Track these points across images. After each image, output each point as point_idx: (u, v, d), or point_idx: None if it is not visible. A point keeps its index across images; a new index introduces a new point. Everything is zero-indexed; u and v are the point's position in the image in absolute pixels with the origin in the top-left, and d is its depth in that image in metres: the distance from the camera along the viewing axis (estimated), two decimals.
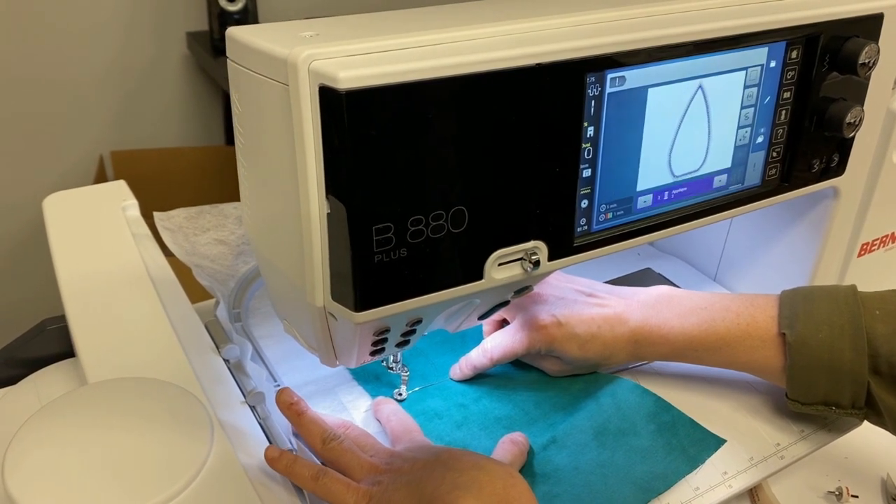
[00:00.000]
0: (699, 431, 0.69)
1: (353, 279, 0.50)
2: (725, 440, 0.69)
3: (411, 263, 0.51)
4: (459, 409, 0.73)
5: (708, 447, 0.68)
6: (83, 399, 0.63)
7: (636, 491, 0.64)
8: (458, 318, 0.63)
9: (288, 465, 0.60)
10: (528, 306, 0.74)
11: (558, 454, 0.67)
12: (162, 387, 0.65)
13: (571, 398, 0.74)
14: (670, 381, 0.75)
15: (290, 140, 0.48)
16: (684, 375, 0.76)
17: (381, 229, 0.49)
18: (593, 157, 0.57)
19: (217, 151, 2.21)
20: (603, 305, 0.73)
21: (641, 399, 0.72)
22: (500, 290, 0.59)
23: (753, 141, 0.66)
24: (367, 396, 0.75)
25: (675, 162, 0.62)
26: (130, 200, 0.91)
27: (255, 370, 0.71)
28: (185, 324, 0.74)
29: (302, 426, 0.65)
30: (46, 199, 0.90)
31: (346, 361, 0.61)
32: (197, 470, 0.57)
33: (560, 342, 0.72)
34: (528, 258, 0.56)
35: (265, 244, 0.58)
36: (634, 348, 0.72)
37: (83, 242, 0.85)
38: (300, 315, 0.58)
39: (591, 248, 0.59)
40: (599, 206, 0.59)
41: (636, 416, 0.70)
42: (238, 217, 0.90)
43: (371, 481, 0.59)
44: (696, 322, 0.70)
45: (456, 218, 0.52)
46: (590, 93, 0.54)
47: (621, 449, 0.67)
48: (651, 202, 0.62)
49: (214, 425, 0.61)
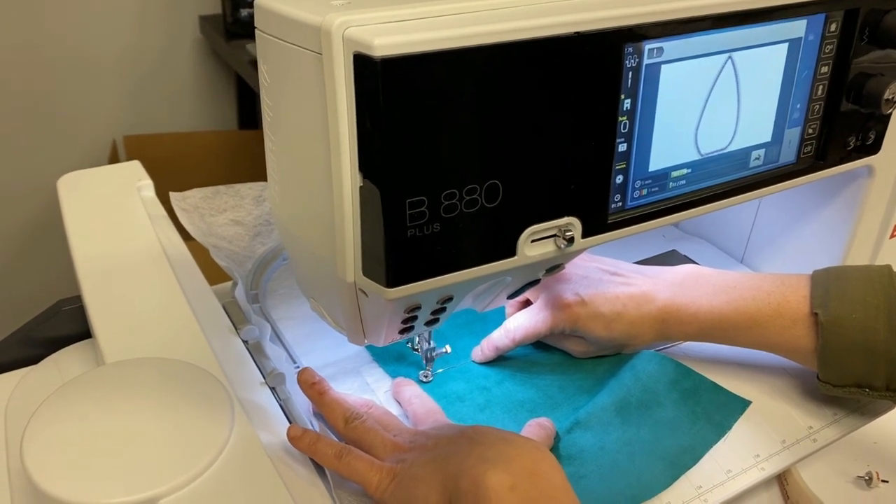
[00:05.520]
0: (722, 394, 0.68)
1: (385, 254, 0.48)
2: (750, 401, 0.68)
3: (444, 239, 0.50)
4: (482, 392, 0.72)
5: (733, 411, 0.67)
6: (102, 379, 0.62)
7: (665, 467, 0.62)
8: (487, 297, 0.62)
9: (311, 443, 0.59)
10: (551, 285, 0.72)
11: (583, 436, 0.66)
12: (181, 367, 0.63)
13: (595, 381, 0.72)
14: (697, 363, 0.73)
15: (321, 111, 0.47)
16: (712, 357, 0.74)
17: (415, 203, 0.48)
18: (629, 131, 0.55)
19: (230, 136, 2.19)
20: (629, 284, 0.71)
21: (661, 367, 0.70)
22: (532, 268, 0.58)
23: (790, 117, 0.64)
24: (387, 378, 0.73)
25: (712, 138, 0.60)
26: (146, 181, 0.90)
27: (275, 351, 0.70)
28: (203, 305, 0.73)
29: (324, 405, 0.63)
30: (61, 180, 0.89)
31: (374, 339, 0.59)
32: (218, 450, 0.56)
33: (584, 321, 0.70)
34: (562, 234, 0.54)
35: (293, 220, 0.57)
36: (661, 327, 0.70)
37: (98, 223, 0.83)
38: (329, 292, 0.56)
39: (625, 225, 0.58)
40: (634, 181, 0.57)
41: (657, 385, 0.69)
42: (255, 197, 0.88)
43: (395, 459, 0.58)
44: (726, 300, 0.69)
45: (490, 192, 0.50)
46: (627, 64, 0.53)
47: (646, 423, 0.66)
48: (686, 179, 0.60)
49: (235, 406, 0.60)
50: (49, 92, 2.07)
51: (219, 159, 2.07)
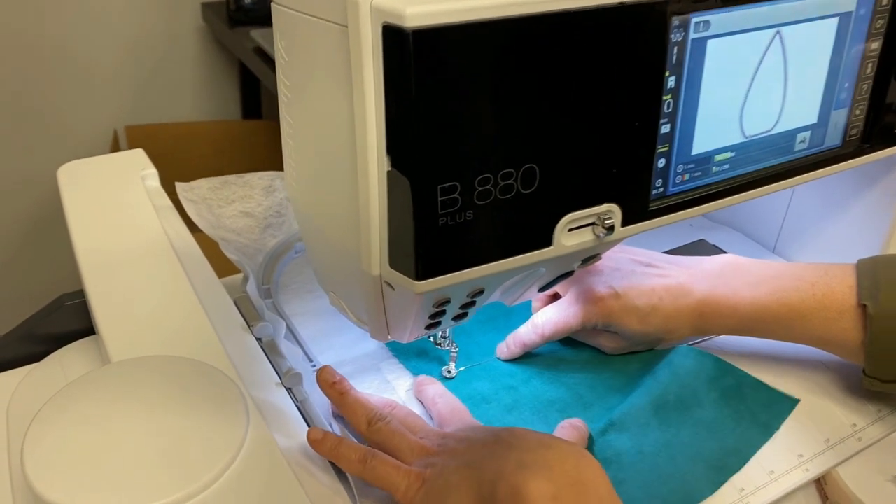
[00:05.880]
0: (768, 393, 0.65)
1: (414, 245, 0.45)
2: (798, 399, 0.64)
3: (477, 227, 0.46)
4: (508, 392, 0.68)
5: (780, 411, 0.63)
6: (106, 379, 0.58)
7: (709, 471, 0.59)
8: (517, 290, 0.58)
9: (333, 447, 0.55)
10: (582, 278, 0.68)
11: (618, 438, 0.62)
12: (191, 366, 0.60)
13: (628, 379, 0.69)
14: (734, 358, 0.70)
15: (346, 89, 0.43)
16: (750, 352, 0.71)
17: (447, 189, 0.44)
18: (673, 110, 0.52)
19: (234, 126, 2.16)
20: (664, 276, 0.68)
21: (699, 363, 0.67)
22: (568, 259, 0.54)
23: (836, 97, 0.60)
24: (408, 375, 0.70)
25: (757, 119, 0.57)
26: (150, 170, 0.86)
27: (290, 349, 0.67)
28: (213, 300, 0.69)
29: (345, 406, 0.60)
30: (61, 169, 0.85)
31: (398, 335, 0.56)
32: (233, 455, 0.53)
33: (618, 315, 0.67)
34: (601, 223, 0.51)
35: (313, 209, 0.53)
36: (699, 321, 0.67)
37: (101, 213, 0.80)
38: (351, 286, 0.53)
39: (666, 212, 0.55)
40: (676, 166, 0.54)
41: (696, 382, 0.65)
42: (266, 188, 0.85)
43: (423, 463, 0.54)
44: (767, 292, 0.65)
45: (526, 177, 0.47)
46: (673, 38, 0.49)
47: (686, 424, 0.62)
48: (729, 163, 0.57)
49: (250, 407, 0.57)
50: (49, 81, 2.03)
51: (222, 150, 2.04)
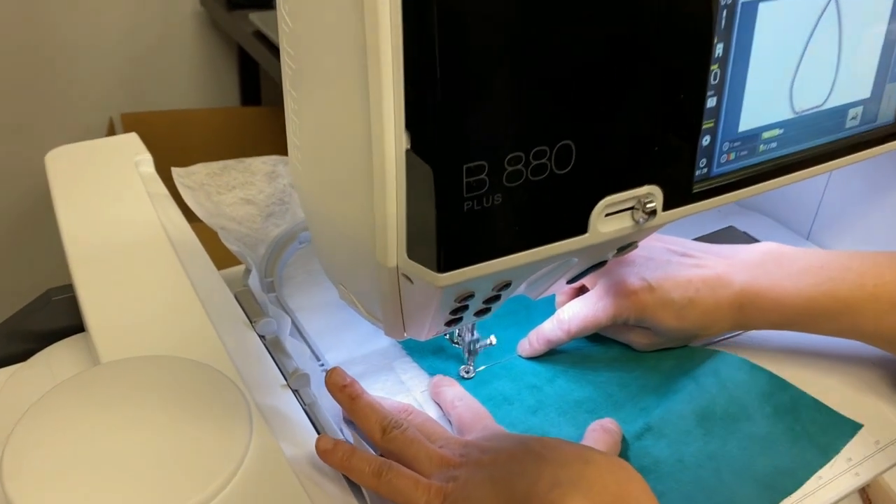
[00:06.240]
0: (827, 414, 0.59)
1: (437, 233, 0.40)
2: (861, 424, 0.59)
3: (506, 213, 0.41)
4: (532, 392, 0.63)
5: (841, 434, 0.58)
6: (95, 382, 0.54)
7: (760, 489, 0.54)
8: (545, 283, 0.53)
9: (344, 458, 0.50)
10: (612, 269, 0.63)
11: (656, 444, 0.57)
12: (188, 367, 0.55)
13: (663, 378, 0.63)
14: (772, 356, 0.65)
15: (359, 56, 0.38)
16: (789, 349, 0.66)
17: (474, 169, 0.39)
18: (720, 82, 0.47)
19: (233, 113, 2.11)
20: (701, 266, 0.63)
21: (751, 376, 0.61)
22: (603, 247, 0.49)
23: (891, 69, 0.55)
24: (424, 375, 0.65)
25: (808, 93, 0.52)
26: (144, 155, 0.81)
27: (296, 347, 0.62)
28: (212, 294, 0.65)
29: (357, 412, 0.55)
30: (50, 154, 0.80)
31: (415, 333, 0.51)
32: (235, 467, 0.48)
33: (652, 310, 0.61)
34: (642, 207, 0.46)
35: (320, 194, 0.48)
36: (738, 315, 0.62)
37: (91, 201, 0.75)
38: (363, 279, 0.47)
39: (711, 195, 0.50)
40: (722, 144, 0.49)
41: (747, 396, 0.60)
42: (268, 173, 0.80)
43: (444, 476, 0.49)
44: (813, 283, 0.60)
45: (561, 155, 0.41)
46: (722, 0, 0.44)
47: (733, 438, 0.57)
48: (777, 141, 0.52)
49: (253, 413, 0.52)
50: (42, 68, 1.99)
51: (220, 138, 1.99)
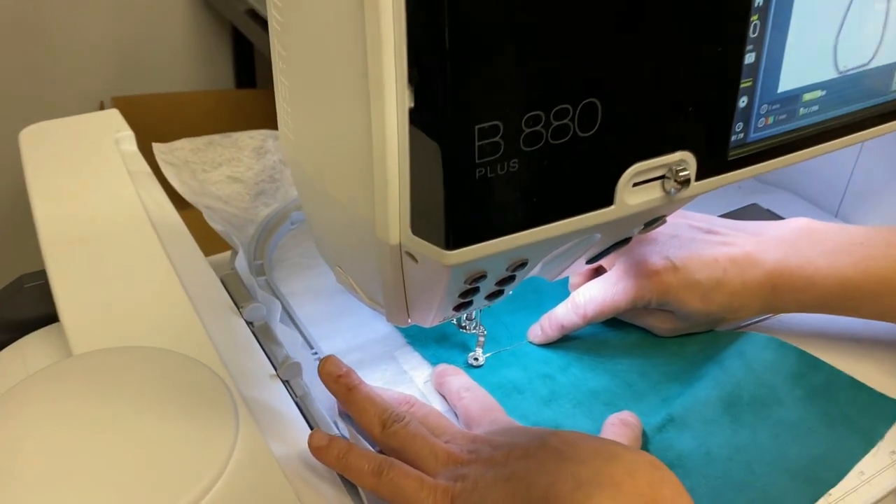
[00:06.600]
0: (866, 394, 0.55)
1: (445, 204, 0.35)
2: None
3: (523, 181, 0.36)
4: (544, 381, 0.58)
5: (884, 415, 0.54)
6: (66, 375, 0.49)
7: (796, 483, 0.49)
8: (563, 262, 0.48)
9: (340, 455, 0.46)
10: (632, 248, 0.58)
11: (680, 436, 0.53)
12: (168, 358, 0.51)
13: (686, 364, 0.59)
14: (803, 340, 0.60)
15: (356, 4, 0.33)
16: (823, 333, 0.61)
17: (487, 130, 0.34)
18: (759, 35, 0.42)
19: (227, 95, 2.07)
20: (728, 244, 0.58)
21: (779, 356, 0.57)
22: (630, 221, 0.44)
23: None
24: (426, 364, 0.60)
25: (853, 51, 0.47)
26: (125, 132, 0.76)
27: (287, 335, 0.57)
28: (195, 278, 0.60)
29: (354, 404, 0.50)
30: (24, 131, 0.75)
31: (420, 319, 0.46)
32: (218, 469, 0.43)
33: (676, 292, 0.57)
34: (674, 175, 0.41)
35: (314, 165, 0.43)
36: (770, 296, 0.57)
37: (67, 181, 0.70)
38: (362, 259, 0.43)
39: (747, 163, 0.45)
40: (760, 106, 0.44)
41: (775, 378, 0.56)
42: (256, 148, 0.75)
43: (451, 475, 0.45)
44: (851, 262, 0.55)
45: (586, 115, 0.37)
46: None
47: (763, 426, 0.53)
48: (819, 104, 0.47)
49: (239, 407, 0.48)
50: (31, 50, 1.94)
51: (214, 121, 1.94)
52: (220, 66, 2.15)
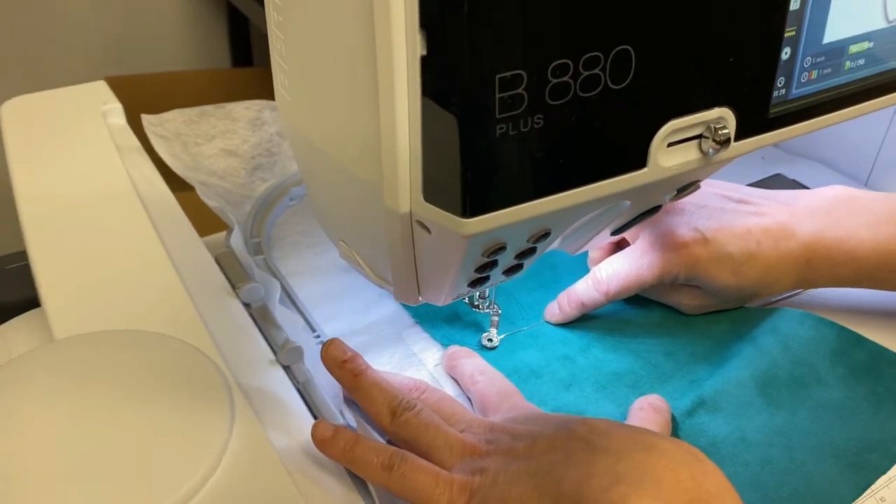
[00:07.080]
0: None
1: (461, 167, 0.31)
2: None
3: (550, 139, 0.33)
4: (563, 364, 0.55)
5: None
6: (49, 361, 0.46)
7: (843, 469, 0.46)
8: (587, 233, 0.44)
9: (347, 448, 0.42)
10: (657, 219, 0.55)
11: (712, 420, 0.49)
12: (158, 342, 0.48)
13: (714, 344, 0.55)
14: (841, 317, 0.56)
15: None
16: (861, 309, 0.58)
17: (509, 81, 0.30)
18: None
19: (222, 74, 2.04)
20: (760, 214, 0.54)
21: (818, 332, 0.53)
22: (662, 186, 0.41)
23: None
24: (437, 346, 0.56)
25: None
26: (113, 104, 0.73)
27: (287, 317, 0.54)
28: (188, 257, 0.57)
29: (361, 391, 0.47)
30: (6, 104, 0.72)
31: (432, 296, 0.43)
32: (213, 462, 0.40)
33: (706, 265, 0.53)
34: (713, 134, 0.37)
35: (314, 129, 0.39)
36: (805, 270, 0.54)
37: (50, 156, 0.67)
38: (369, 231, 0.39)
39: (790, 121, 0.41)
40: (804, 59, 0.40)
41: (815, 356, 0.52)
42: (252, 120, 0.71)
43: (468, 468, 0.41)
44: (893, 233, 0.52)
45: (618, 66, 0.33)
46: None
47: (803, 407, 0.49)
48: (865, 58, 0.43)
49: (235, 395, 0.45)
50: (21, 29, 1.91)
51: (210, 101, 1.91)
52: (216, 45, 2.13)
